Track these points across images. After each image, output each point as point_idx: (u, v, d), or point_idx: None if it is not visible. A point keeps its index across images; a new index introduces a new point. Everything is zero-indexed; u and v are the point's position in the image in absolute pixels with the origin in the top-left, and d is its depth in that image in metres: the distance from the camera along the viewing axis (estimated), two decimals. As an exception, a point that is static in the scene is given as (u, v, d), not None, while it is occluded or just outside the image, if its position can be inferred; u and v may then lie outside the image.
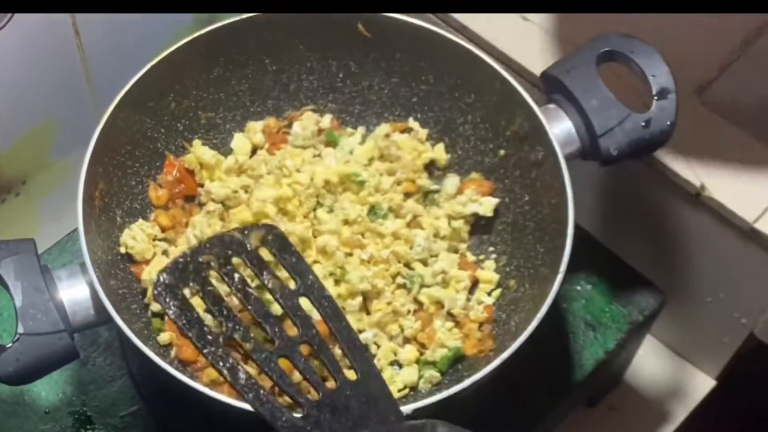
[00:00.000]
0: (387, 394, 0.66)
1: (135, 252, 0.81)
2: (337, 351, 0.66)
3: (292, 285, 0.67)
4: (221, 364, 0.63)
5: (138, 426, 0.83)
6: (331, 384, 0.65)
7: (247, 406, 0.67)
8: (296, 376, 0.65)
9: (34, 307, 0.70)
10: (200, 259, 0.65)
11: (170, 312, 0.63)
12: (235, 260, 0.66)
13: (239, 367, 0.63)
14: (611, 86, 0.81)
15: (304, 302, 0.66)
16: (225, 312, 0.64)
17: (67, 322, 0.71)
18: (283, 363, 0.64)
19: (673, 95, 0.80)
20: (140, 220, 0.83)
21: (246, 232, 0.68)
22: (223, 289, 0.65)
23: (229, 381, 0.63)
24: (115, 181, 0.81)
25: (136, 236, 0.81)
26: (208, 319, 0.64)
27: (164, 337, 0.79)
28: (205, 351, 0.63)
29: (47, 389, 0.84)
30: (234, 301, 0.67)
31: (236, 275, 0.66)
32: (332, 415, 0.64)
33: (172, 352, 0.78)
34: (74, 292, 0.72)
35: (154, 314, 0.80)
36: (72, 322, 0.71)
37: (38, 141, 0.96)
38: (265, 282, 0.66)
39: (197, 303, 0.64)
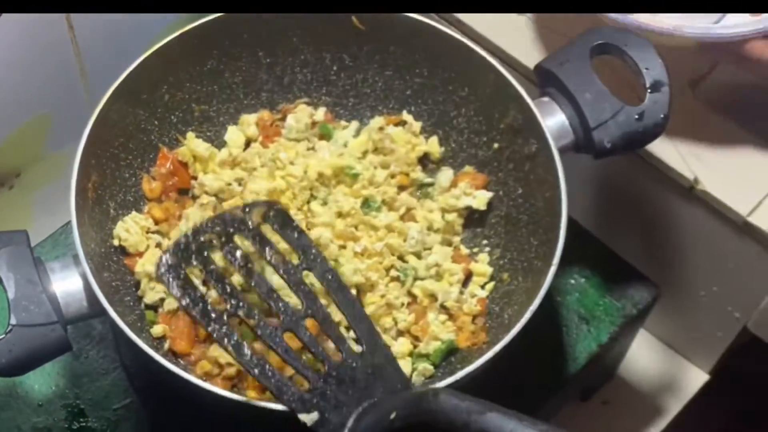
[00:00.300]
0: (393, 363, 0.66)
1: (128, 244, 0.81)
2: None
3: (295, 260, 0.67)
4: (226, 340, 0.63)
5: (131, 419, 0.83)
6: (336, 356, 0.65)
7: (239, 398, 0.67)
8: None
9: (27, 298, 0.69)
10: (202, 239, 0.66)
11: (174, 291, 0.63)
12: (237, 238, 0.66)
13: (244, 342, 0.63)
14: (605, 79, 0.81)
15: (308, 277, 0.67)
16: (228, 289, 0.64)
17: (60, 314, 0.71)
18: (288, 338, 0.65)
19: (667, 88, 0.80)
20: (133, 213, 0.83)
21: (247, 209, 0.68)
22: (226, 266, 0.65)
23: (235, 357, 0.63)
24: (108, 173, 0.81)
25: (130, 229, 0.81)
26: (212, 297, 0.64)
27: (157, 330, 0.79)
28: (209, 328, 0.63)
29: (40, 382, 0.84)
30: (237, 279, 0.67)
31: (238, 252, 0.66)
32: (338, 387, 0.64)
33: (166, 345, 0.78)
34: (67, 284, 0.72)
35: (148, 306, 0.80)
36: (65, 314, 0.71)
37: (33, 134, 0.96)
38: (268, 258, 0.66)
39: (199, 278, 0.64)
